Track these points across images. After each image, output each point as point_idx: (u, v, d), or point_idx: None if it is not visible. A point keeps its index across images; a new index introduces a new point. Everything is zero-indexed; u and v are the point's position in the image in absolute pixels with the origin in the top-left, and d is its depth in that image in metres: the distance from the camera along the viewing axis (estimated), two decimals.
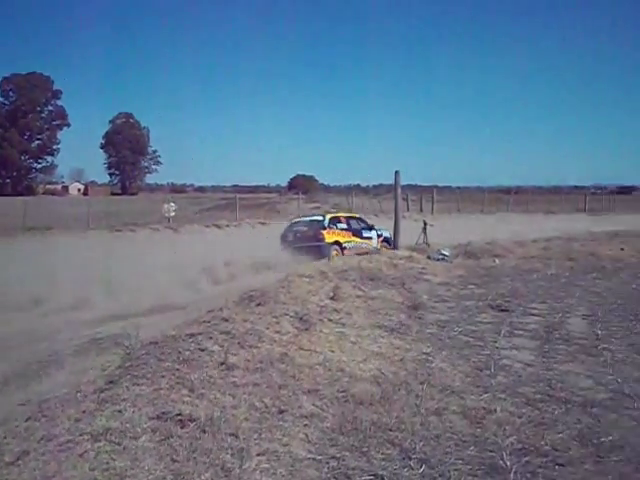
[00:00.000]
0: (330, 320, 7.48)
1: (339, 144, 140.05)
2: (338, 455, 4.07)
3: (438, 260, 13.89)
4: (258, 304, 7.66)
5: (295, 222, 17.86)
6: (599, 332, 7.75)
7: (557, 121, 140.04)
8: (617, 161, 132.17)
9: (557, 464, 4.04)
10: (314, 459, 4.01)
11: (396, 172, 14.94)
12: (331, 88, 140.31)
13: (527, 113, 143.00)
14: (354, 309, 8.21)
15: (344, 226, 17.44)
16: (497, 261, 14.50)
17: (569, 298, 10.23)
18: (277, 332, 6.64)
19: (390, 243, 17.60)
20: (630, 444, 4.37)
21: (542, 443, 4.35)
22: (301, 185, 62.90)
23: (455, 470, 3.90)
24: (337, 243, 16.64)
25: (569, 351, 6.89)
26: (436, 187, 47.62)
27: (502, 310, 9.03)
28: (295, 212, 32.39)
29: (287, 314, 7.29)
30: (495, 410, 4.93)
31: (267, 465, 3.87)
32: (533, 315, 8.82)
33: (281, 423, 4.51)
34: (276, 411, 4.72)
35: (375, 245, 17.55)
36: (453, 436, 4.44)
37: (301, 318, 7.19)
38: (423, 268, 12.56)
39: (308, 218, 18.22)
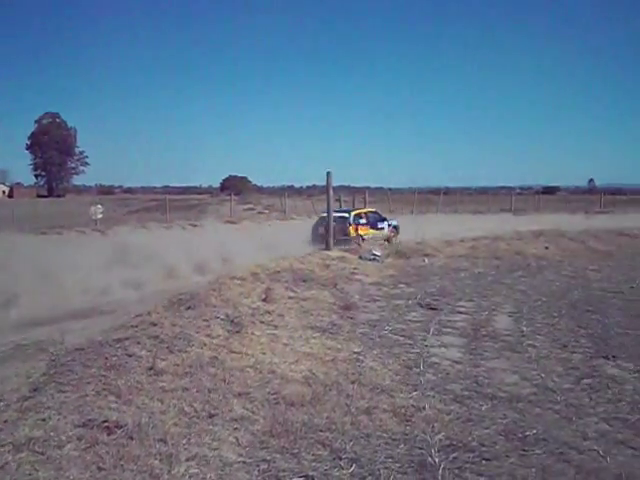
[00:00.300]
0: (262, 322, 7.46)
1: (272, 145, 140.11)
2: (268, 457, 4.05)
3: (370, 260, 14.01)
4: (188, 307, 7.58)
5: (324, 217, 18.50)
6: (524, 329, 7.99)
7: (485, 124, 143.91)
8: (542, 162, 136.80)
9: (484, 459, 4.14)
10: (244, 462, 3.98)
11: (328, 173, 15.01)
12: (262, 88, 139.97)
13: (456, 116, 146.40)
14: (286, 310, 8.21)
15: (364, 221, 21.37)
16: (427, 260, 14.76)
17: (495, 296, 10.50)
18: (207, 335, 6.58)
19: (397, 230, 22.47)
20: (553, 437, 4.52)
21: (469, 439, 4.45)
22: (234, 186, 62.49)
23: (385, 468, 3.94)
24: (359, 236, 19.91)
25: (495, 348, 7.07)
26: (368, 188, 48.02)
27: (431, 308, 9.19)
28: (227, 213, 32.19)
29: (218, 317, 7.23)
30: (424, 407, 5.01)
31: (196, 470, 3.82)
32: (461, 313, 9.02)
33: (211, 427, 4.47)
34: (206, 415, 4.67)
35: (386, 232, 21.37)
36: (383, 434, 4.48)
37: (232, 321, 7.15)
38: (355, 268, 12.65)
39: (337, 214, 19.18)
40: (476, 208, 44.53)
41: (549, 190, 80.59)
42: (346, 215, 20.89)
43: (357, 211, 22.40)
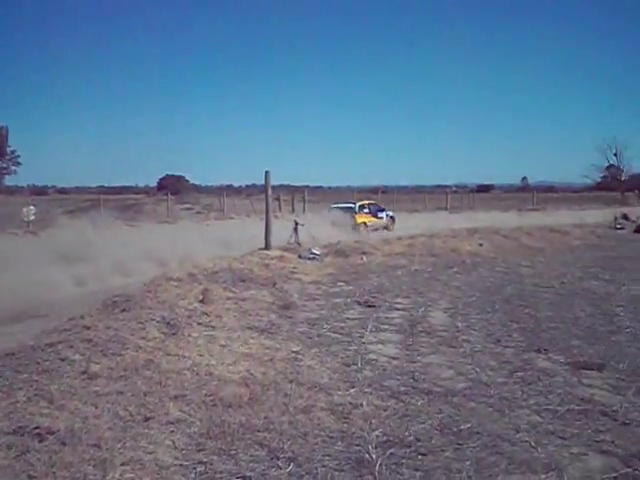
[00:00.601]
0: (199, 324, 7.38)
1: (211, 144, 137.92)
2: (205, 460, 4.02)
3: (309, 259, 14.04)
4: (123, 310, 7.45)
5: (334, 206, 25.85)
6: (459, 324, 8.16)
7: (422, 123, 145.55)
8: (477, 161, 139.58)
9: (420, 454, 4.20)
10: (181, 465, 3.94)
11: (266, 172, 14.96)
12: (198, 86, 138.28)
13: (394, 115, 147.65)
14: (224, 311, 8.14)
15: (367, 210, 26.23)
16: (365, 258, 14.87)
17: (431, 292, 10.68)
18: (143, 338, 6.48)
19: (394, 220, 28.16)
20: (487, 430, 4.61)
21: (406, 434, 4.50)
22: (171, 185, 61.42)
23: (322, 466, 3.96)
24: (364, 223, 24.87)
25: (431, 343, 7.19)
26: (308, 187, 48.18)
27: (369, 306, 9.28)
28: (164, 213, 31.74)
29: (154, 319, 7.13)
30: (361, 404, 5.05)
31: (132, 475, 3.76)
32: (398, 310, 9.13)
33: (146, 431, 4.41)
34: (141, 419, 4.60)
35: (385, 221, 27.01)
36: (321, 433, 4.50)
37: (168, 323, 7.06)
38: (294, 267, 12.66)
39: (344, 205, 26.24)
40: (413, 206, 45.16)
41: (484, 188, 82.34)
42: (352, 206, 26.07)
43: (361, 202, 27.27)
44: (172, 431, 4.44)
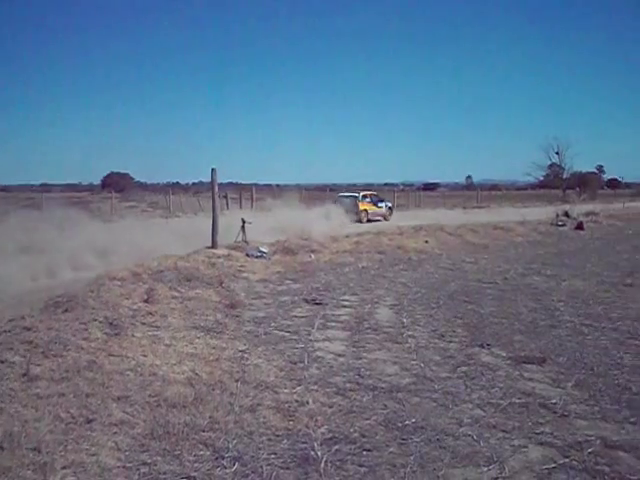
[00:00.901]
0: (143, 324, 7.27)
1: (156, 141, 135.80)
2: (149, 461, 3.97)
3: (256, 257, 13.96)
4: (65, 310, 7.28)
5: (340, 196, 31.11)
6: (404, 320, 8.25)
7: (370, 122, 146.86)
8: (423, 160, 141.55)
9: (365, 450, 4.24)
10: (124, 467, 3.89)
11: (212, 169, 14.78)
12: (144, 83, 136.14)
13: (342, 113, 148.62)
14: (169, 311, 8.03)
15: (368, 200, 29.84)
16: (313, 256, 14.88)
17: (378, 289, 10.78)
18: (85, 339, 6.35)
19: (392, 210, 32.16)
20: (431, 424, 4.69)
21: (351, 430, 4.54)
22: (116, 183, 60.19)
23: (268, 465, 3.96)
24: (365, 210, 28.92)
25: (377, 339, 7.26)
26: (256, 185, 47.91)
27: (316, 304, 9.30)
28: (109, 211, 31.11)
29: (96, 320, 6.99)
30: (307, 402, 5.07)
31: (73, 478, 3.72)
32: (345, 307, 9.19)
33: (89, 433, 4.33)
34: (83, 421, 4.51)
35: (384, 210, 30.67)
36: (266, 431, 4.49)
37: (111, 323, 6.93)
38: (242, 266, 12.57)
39: (349, 194, 31.18)
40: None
41: (430, 186, 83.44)
42: (356, 195, 29.90)
43: (363, 193, 30.61)
44: (115, 433, 4.37)
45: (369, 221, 28.30)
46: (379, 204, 30.63)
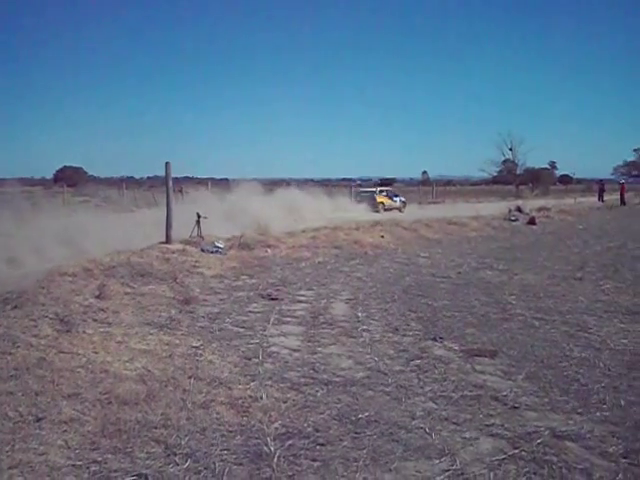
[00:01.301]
0: (95, 320, 7.16)
1: (110, 134, 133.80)
2: (100, 459, 3.91)
3: (212, 252, 13.83)
4: (14, 307, 7.13)
5: (360, 191, 38.14)
6: (359, 314, 8.30)
7: (328, 117, 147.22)
8: (380, 155, 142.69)
9: (318, 444, 4.24)
10: (74, 465, 3.82)
11: (166, 163, 14.57)
12: (97, 76, 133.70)
13: (298, 109, 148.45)
14: (122, 307, 7.92)
15: (385, 194, 36.59)
16: (269, 251, 14.84)
17: (334, 284, 10.81)
18: (35, 336, 6.23)
19: (405, 204, 36.95)
20: (384, 418, 4.72)
21: (305, 425, 4.55)
22: (68, 177, 59.12)
23: (221, 461, 3.94)
24: (382, 202, 34.82)
25: (332, 334, 7.27)
26: (212, 179, 47.47)
27: (272, 299, 9.28)
28: (60, 205, 30.50)
29: (47, 316, 6.87)
30: (261, 397, 5.05)
31: (21, 478, 3.64)
32: (301, 302, 9.19)
33: (38, 431, 4.24)
34: (32, 419, 4.42)
35: (399, 204, 35.95)
36: (220, 427, 4.47)
37: (62, 320, 6.81)
38: (197, 261, 12.43)
39: (369, 189, 38.75)
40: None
41: (386, 182, 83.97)
42: (374, 190, 37.12)
43: (381, 188, 38.68)
44: (65, 431, 4.29)
45: (386, 211, 33.64)
46: (394, 198, 36.76)
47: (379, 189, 37.57)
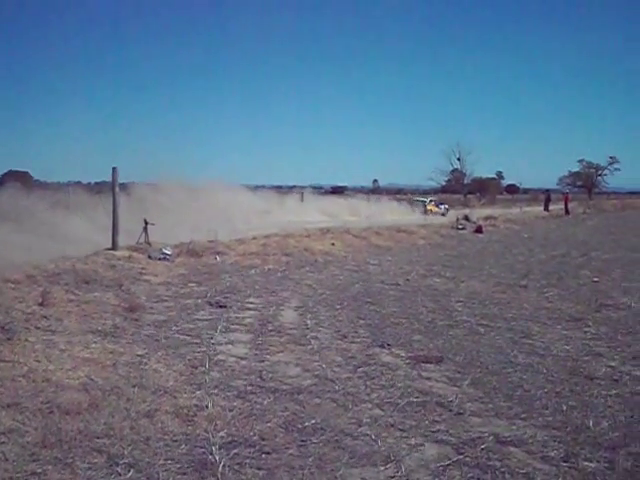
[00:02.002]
0: (37, 328, 6.98)
1: (57, 138, 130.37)
2: (39, 470, 3.80)
3: (159, 259, 13.65)
4: None
5: (414, 200, 47.20)
6: (308, 322, 8.31)
7: (281, 125, 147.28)
8: (332, 163, 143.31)
9: (264, 452, 4.22)
10: (11, 478, 3.70)
11: (113, 169, 14.34)
12: (42, 78, 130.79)
13: (251, 116, 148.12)
14: (65, 314, 7.74)
15: (433, 203, 45.79)
16: (218, 258, 14.72)
17: (283, 291, 10.79)
18: None
19: (448, 210, 44.02)
20: (330, 426, 4.72)
21: (251, 434, 4.51)
22: (14, 182, 57.50)
23: (164, 471, 3.87)
24: (430, 209, 42.62)
25: (281, 342, 7.25)
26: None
27: (220, 306, 9.20)
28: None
29: None
30: (207, 406, 4.99)
31: None
32: (249, 309, 9.14)
33: None
34: None
35: (443, 210, 43.82)
36: (164, 437, 4.40)
37: (3, 327, 6.59)
38: (143, 268, 12.25)
39: (421, 198, 48.57)
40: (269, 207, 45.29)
41: (338, 189, 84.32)
42: (425, 200, 46.49)
43: (430, 198, 48.75)
44: (3, 442, 4.16)
45: (433, 215, 39.83)
46: (440, 206, 45.75)
47: (429, 199, 47.53)
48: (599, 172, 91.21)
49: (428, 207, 43.33)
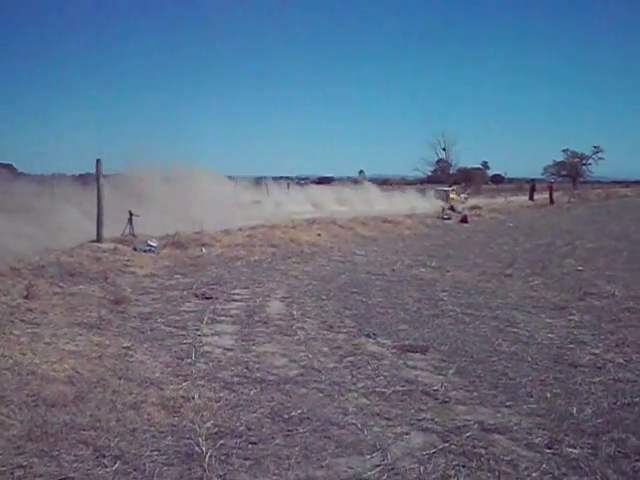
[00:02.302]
0: (22, 321, 6.96)
1: (40, 131, 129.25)
2: (25, 463, 3.79)
3: (145, 251, 13.59)
4: None
5: (438, 189, 49.57)
6: (295, 312, 8.32)
7: (264, 115, 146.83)
8: (318, 154, 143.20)
9: (250, 443, 4.23)
10: None
11: (97, 160, 14.26)
12: (25, 70, 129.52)
13: (234, 106, 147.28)
14: (51, 307, 7.72)
15: (454, 192, 48.77)
16: (204, 250, 14.66)
17: (270, 282, 10.79)
18: None
19: (467, 199, 47.70)
20: (316, 415, 4.74)
21: (237, 424, 4.53)
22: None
23: (151, 462, 3.88)
24: (452, 198, 43.95)
25: (267, 332, 7.27)
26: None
27: (206, 298, 9.20)
28: None
29: None
30: (193, 397, 4.99)
31: None
32: (236, 301, 9.14)
33: None
34: None
35: (462, 199, 45.11)
36: (150, 428, 4.40)
37: None
38: (128, 260, 12.19)
39: (443, 188, 50.83)
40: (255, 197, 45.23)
41: (324, 180, 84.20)
42: (447, 189, 49.13)
43: (451, 187, 51.58)
44: None
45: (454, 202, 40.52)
46: (461, 195, 48.81)
47: (451, 188, 50.39)
48: (583, 161, 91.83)
49: (450, 196, 45.45)
